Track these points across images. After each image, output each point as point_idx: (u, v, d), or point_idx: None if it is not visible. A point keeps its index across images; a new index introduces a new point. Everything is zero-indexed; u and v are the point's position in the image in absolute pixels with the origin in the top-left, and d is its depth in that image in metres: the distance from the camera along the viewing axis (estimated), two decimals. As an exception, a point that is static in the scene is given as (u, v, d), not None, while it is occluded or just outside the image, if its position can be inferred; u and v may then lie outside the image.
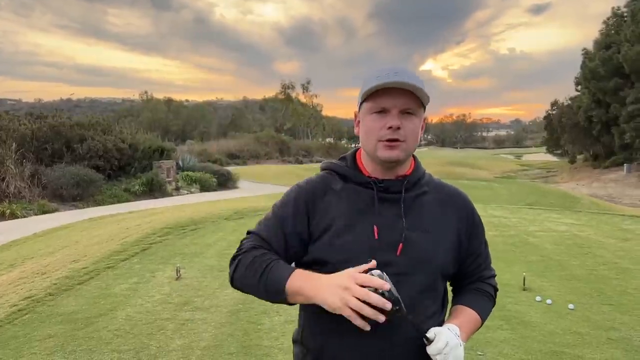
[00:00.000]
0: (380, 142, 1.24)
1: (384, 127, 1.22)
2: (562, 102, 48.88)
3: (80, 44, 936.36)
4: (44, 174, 16.62)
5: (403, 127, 1.22)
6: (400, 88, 1.20)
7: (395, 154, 1.24)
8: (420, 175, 1.35)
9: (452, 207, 1.35)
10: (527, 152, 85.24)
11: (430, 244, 1.27)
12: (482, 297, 1.40)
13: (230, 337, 3.85)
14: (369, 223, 1.25)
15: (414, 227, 1.26)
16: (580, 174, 41.79)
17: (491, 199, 18.00)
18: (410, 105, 1.22)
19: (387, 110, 1.23)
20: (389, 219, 1.26)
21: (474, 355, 3.52)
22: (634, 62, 34.26)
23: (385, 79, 1.19)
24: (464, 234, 1.35)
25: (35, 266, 6.55)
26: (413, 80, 1.19)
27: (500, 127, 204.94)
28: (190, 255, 6.66)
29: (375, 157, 1.27)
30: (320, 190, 1.32)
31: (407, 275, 1.22)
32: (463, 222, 1.35)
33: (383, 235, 1.24)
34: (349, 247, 1.24)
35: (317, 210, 1.29)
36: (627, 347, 3.64)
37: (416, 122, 1.26)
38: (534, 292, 4.95)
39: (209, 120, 77.65)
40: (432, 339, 1.16)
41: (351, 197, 1.30)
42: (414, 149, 1.30)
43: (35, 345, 3.76)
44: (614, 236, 8.00)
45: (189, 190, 21.38)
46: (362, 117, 1.29)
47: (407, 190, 1.30)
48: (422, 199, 1.32)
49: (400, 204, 1.27)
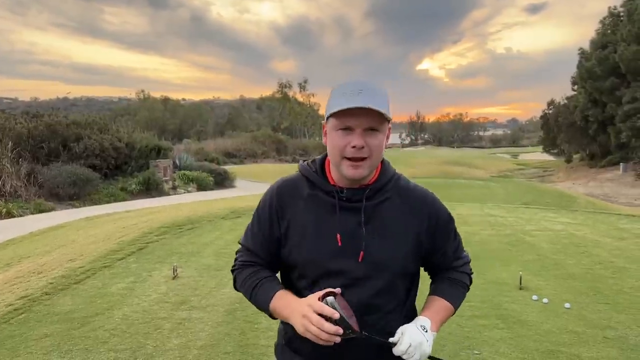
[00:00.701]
0: (345, 160, 1.31)
1: (349, 145, 1.29)
2: (559, 102, 49.00)
3: (76, 43, 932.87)
4: (40, 173, 16.59)
5: (367, 144, 1.29)
6: (366, 109, 1.25)
7: (359, 173, 1.31)
8: (384, 182, 1.40)
9: (414, 211, 1.41)
10: (524, 151, 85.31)
11: (390, 251, 1.35)
12: (454, 285, 1.50)
13: (227, 337, 3.85)
14: (333, 230, 1.34)
15: (374, 234, 1.34)
16: (576, 173, 41.90)
17: (488, 198, 18.04)
18: (374, 124, 1.29)
19: (352, 129, 1.29)
20: (351, 227, 1.34)
21: (470, 354, 3.53)
22: (630, 61, 34.36)
23: (350, 101, 1.25)
24: (425, 234, 1.40)
25: (31, 265, 6.54)
26: (377, 101, 1.26)
27: (497, 126, 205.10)
28: (187, 254, 6.66)
29: (341, 171, 1.34)
30: (290, 196, 1.42)
31: (368, 279, 1.33)
32: (423, 226, 1.40)
33: (345, 242, 1.33)
34: (315, 253, 1.34)
35: (286, 215, 1.39)
36: (622, 346, 3.65)
37: (380, 138, 1.32)
38: (530, 291, 4.97)
39: (206, 119, 77.54)
40: (396, 342, 1.26)
41: (317, 204, 1.38)
42: (379, 162, 1.38)
43: (31, 344, 3.75)
44: (610, 235, 8.03)
45: (185, 189, 21.35)
46: (328, 130, 1.35)
47: (369, 199, 1.36)
48: (383, 206, 1.38)
49: (362, 213, 1.35)
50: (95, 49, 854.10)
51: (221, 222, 9.17)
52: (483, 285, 5.18)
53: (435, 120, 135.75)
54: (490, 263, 6.12)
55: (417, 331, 1.28)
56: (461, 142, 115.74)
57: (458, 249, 1.53)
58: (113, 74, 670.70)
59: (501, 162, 58.46)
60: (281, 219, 1.38)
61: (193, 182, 22.18)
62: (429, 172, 36.65)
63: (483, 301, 4.67)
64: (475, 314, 4.33)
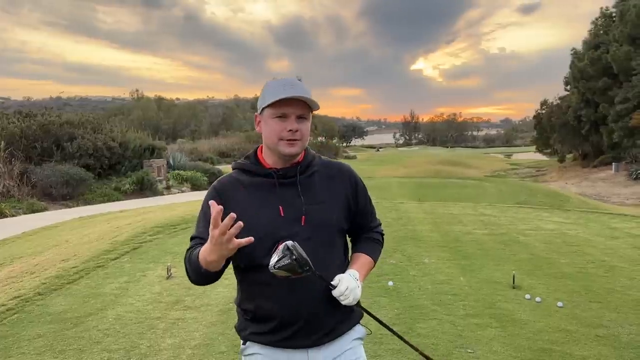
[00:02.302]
0: (281, 141, 1.57)
1: (285, 129, 1.56)
2: (552, 102, 49.17)
3: (69, 42, 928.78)
4: (33, 173, 16.49)
5: (299, 129, 1.57)
6: (297, 99, 1.54)
7: (295, 150, 1.59)
8: (310, 160, 1.68)
9: (338, 179, 1.70)
10: (517, 151, 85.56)
11: (326, 212, 1.63)
12: (373, 243, 1.81)
13: (221, 336, 3.85)
14: (275, 204, 1.59)
15: (310, 201, 1.61)
16: (569, 172, 42.10)
17: (481, 198, 18.08)
18: (304, 112, 1.58)
19: (287, 116, 1.56)
20: (290, 199, 1.60)
21: (464, 352, 3.55)
22: (622, 62, 34.56)
23: (287, 92, 1.52)
24: (351, 196, 1.71)
25: (24, 265, 6.50)
26: (306, 94, 1.55)
27: (490, 126, 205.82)
28: (181, 254, 6.60)
29: (278, 152, 1.60)
30: (231, 188, 1.65)
31: (312, 239, 1.56)
32: (348, 189, 1.71)
33: (287, 212, 1.58)
34: (262, 226, 1.55)
35: (230, 202, 1.56)
36: (614, 344, 3.68)
37: (308, 125, 1.62)
38: (523, 290, 4.99)
39: (200, 118, 77.33)
40: (336, 285, 1.54)
41: (257, 188, 1.63)
42: (307, 143, 1.65)
43: (24, 345, 3.73)
44: (602, 234, 8.08)
45: (179, 189, 21.30)
46: (264, 120, 1.61)
47: (301, 174, 1.64)
48: (313, 178, 1.66)
49: (297, 186, 1.62)
50: (89, 48, 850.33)
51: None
52: (476, 284, 5.21)
53: (429, 120, 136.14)
54: (484, 262, 6.15)
55: (351, 278, 1.58)
56: (455, 142, 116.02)
57: (374, 211, 1.84)
58: (106, 73, 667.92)
59: (495, 162, 58.68)
60: (225, 205, 1.43)
61: (187, 182, 22.12)
62: (423, 171, 36.71)
63: (476, 300, 4.70)
64: (468, 313, 4.35)
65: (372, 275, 5.44)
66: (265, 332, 1.62)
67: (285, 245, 1.42)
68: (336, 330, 1.64)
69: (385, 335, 3.82)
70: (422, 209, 11.12)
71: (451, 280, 5.33)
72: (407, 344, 1.80)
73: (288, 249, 1.42)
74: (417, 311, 4.40)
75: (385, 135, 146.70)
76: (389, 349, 3.56)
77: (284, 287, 1.54)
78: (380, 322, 1.75)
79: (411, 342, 1.85)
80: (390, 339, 3.72)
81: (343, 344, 1.66)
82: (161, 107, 73.77)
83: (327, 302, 1.58)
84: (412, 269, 5.77)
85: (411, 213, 10.32)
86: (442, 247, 6.93)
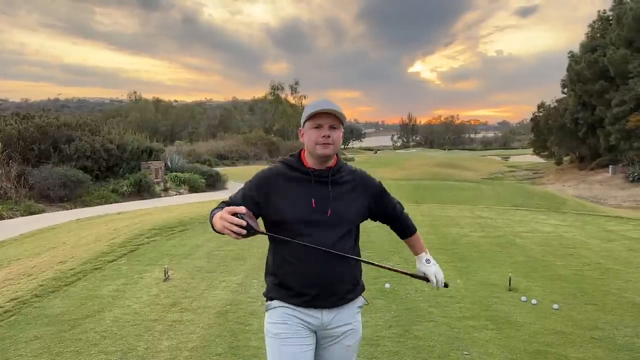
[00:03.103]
0: (317, 145, 2.00)
1: (320, 135, 1.99)
2: (549, 104, 49.33)
3: (67, 44, 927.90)
4: (30, 175, 16.46)
5: (332, 135, 2.00)
6: (329, 112, 1.98)
7: (328, 151, 2.00)
8: (341, 166, 2.11)
9: (360, 185, 2.13)
10: (514, 153, 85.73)
11: (347, 209, 2.05)
12: (408, 221, 2.33)
13: (218, 338, 3.86)
14: (309, 197, 2.01)
15: (336, 198, 2.03)
16: (566, 175, 42.21)
17: (478, 200, 18.12)
18: (335, 123, 2.01)
19: (322, 126, 2.00)
20: (321, 195, 2.02)
21: (460, 354, 3.56)
22: (619, 65, 34.70)
23: (321, 107, 1.98)
24: (373, 200, 2.16)
25: (21, 267, 6.50)
26: (337, 108, 1.98)
27: (487, 128, 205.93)
28: (179, 256, 6.65)
29: (315, 154, 2.02)
30: (274, 177, 2.06)
31: (334, 227, 2.00)
32: (371, 193, 2.16)
33: (318, 204, 2.00)
34: (297, 213, 1.99)
35: (273, 189, 2.03)
36: (609, 346, 3.71)
37: (339, 133, 2.04)
38: (519, 292, 5.01)
39: (198, 120, 77.32)
40: (429, 280, 2.26)
41: (297, 181, 2.04)
42: (339, 149, 2.07)
43: (21, 347, 3.74)
44: (598, 237, 8.12)
45: (177, 191, 21.29)
46: (305, 131, 2.04)
47: (332, 176, 2.06)
48: (341, 180, 2.08)
49: (328, 185, 2.04)
50: (86, 50, 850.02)
51: (213, 224, 9.17)
52: (473, 286, 5.23)
53: (426, 122, 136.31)
54: (480, 264, 6.17)
55: (430, 266, 2.26)
56: (452, 144, 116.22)
57: (395, 203, 2.30)
58: (104, 75, 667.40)
59: (492, 164, 58.80)
60: (270, 190, 2.02)
61: (185, 184, 22.11)
62: (420, 174, 36.77)
63: (473, 302, 4.72)
64: (465, 315, 4.37)
65: (369, 277, 5.45)
66: (291, 295, 2.01)
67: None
68: (346, 298, 2.06)
69: (382, 337, 3.84)
70: (420, 211, 11.15)
71: (448, 283, 5.34)
72: (398, 272, 2.27)
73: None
74: (413, 313, 4.41)
75: (383, 138, 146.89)
76: (385, 351, 3.58)
77: (309, 261, 1.96)
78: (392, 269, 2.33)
79: (408, 344, 1.91)
80: (386, 342, 3.74)
81: (349, 312, 2.08)
82: (159, 109, 73.71)
83: (340, 275, 2.02)
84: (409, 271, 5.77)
85: (409, 215, 10.33)
86: (439, 249, 6.95)
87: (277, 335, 2.00)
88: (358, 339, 2.13)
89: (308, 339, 2.01)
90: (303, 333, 2.01)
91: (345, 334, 2.07)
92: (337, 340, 2.07)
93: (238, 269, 5.92)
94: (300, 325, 2.01)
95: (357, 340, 2.12)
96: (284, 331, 2.00)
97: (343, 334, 2.06)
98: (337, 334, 2.06)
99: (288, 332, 1.99)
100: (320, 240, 1.94)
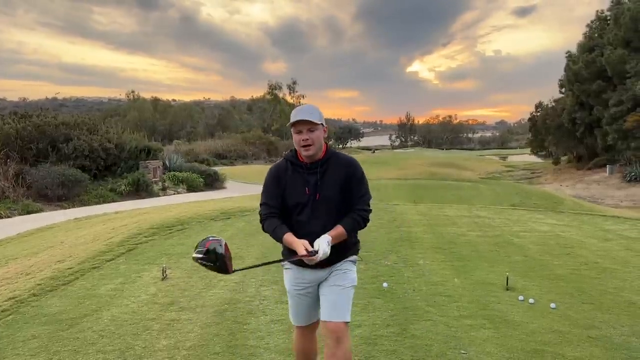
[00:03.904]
0: (301, 147, 2.57)
1: (301, 139, 2.54)
2: (547, 104, 49.34)
3: (65, 43, 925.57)
4: (28, 174, 16.45)
5: (310, 137, 2.53)
6: (305, 120, 2.52)
7: (309, 152, 2.57)
8: (328, 157, 2.64)
9: (342, 169, 2.63)
10: (512, 153, 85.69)
11: (332, 193, 2.59)
12: (350, 219, 2.60)
13: (216, 337, 3.87)
14: (304, 186, 2.61)
15: (323, 185, 2.60)
16: (564, 175, 42.27)
17: (476, 200, 18.16)
18: (312, 126, 2.54)
19: (301, 131, 2.54)
20: (313, 182, 2.60)
21: (457, 354, 3.57)
22: (617, 65, 34.76)
23: (297, 116, 2.51)
24: (347, 182, 2.61)
25: (19, 267, 6.50)
26: (312, 115, 2.53)
27: (485, 128, 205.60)
28: (177, 255, 6.65)
29: (301, 153, 2.60)
30: (282, 171, 2.67)
31: (323, 207, 2.58)
32: (348, 176, 2.62)
33: (310, 191, 2.59)
34: (296, 198, 2.61)
35: (282, 180, 2.65)
36: (606, 345, 3.72)
37: (318, 133, 2.56)
38: (517, 291, 5.02)
39: (196, 120, 77.24)
40: (316, 250, 2.44)
41: (296, 173, 2.64)
42: (321, 144, 2.61)
43: (19, 346, 3.74)
44: (595, 236, 8.13)
45: (175, 190, 21.28)
46: (292, 134, 2.57)
47: (321, 166, 2.61)
48: (328, 170, 2.62)
49: (317, 175, 2.61)
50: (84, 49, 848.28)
51: (211, 223, 9.17)
52: (470, 285, 5.24)
53: (424, 122, 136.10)
54: (478, 264, 6.18)
55: (322, 241, 2.47)
56: (450, 144, 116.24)
57: (364, 196, 2.65)
58: (102, 74, 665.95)
59: (490, 164, 58.83)
60: (281, 182, 2.65)
61: (183, 183, 22.12)
62: (418, 173, 36.76)
63: (470, 301, 4.73)
64: (462, 314, 4.38)
65: (367, 276, 5.47)
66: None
67: (209, 249, 2.35)
68: (335, 260, 2.61)
69: (379, 336, 3.84)
70: (417, 210, 11.17)
71: (445, 282, 5.35)
72: (271, 263, 2.74)
73: (208, 252, 2.35)
74: (411, 312, 4.42)
75: (381, 137, 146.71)
76: (382, 350, 3.58)
77: (304, 232, 2.54)
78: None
79: (405, 343, 1.91)
80: (384, 340, 3.75)
81: (338, 264, 2.67)
82: (157, 108, 73.65)
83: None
84: (407, 271, 5.79)
85: (406, 215, 10.35)
86: (436, 248, 6.97)
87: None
88: (350, 281, 2.68)
89: (310, 288, 2.71)
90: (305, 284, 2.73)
91: (335, 274, 2.67)
92: (331, 281, 2.67)
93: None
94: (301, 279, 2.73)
95: (349, 282, 2.68)
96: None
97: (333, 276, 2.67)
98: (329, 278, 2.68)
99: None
100: (313, 218, 2.58)
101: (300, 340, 2.87)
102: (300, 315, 2.80)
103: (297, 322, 2.83)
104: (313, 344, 2.93)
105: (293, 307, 2.81)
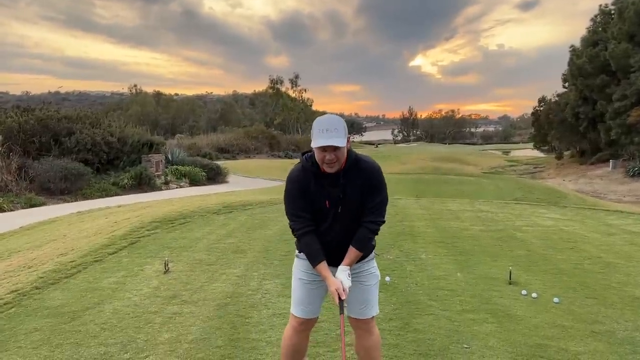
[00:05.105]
0: (324, 164, 2.49)
1: (325, 158, 2.46)
2: (550, 99, 49.15)
3: (67, 37, 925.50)
4: (31, 167, 16.47)
5: (335, 155, 2.45)
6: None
7: (333, 170, 2.51)
8: (350, 166, 2.56)
9: (361, 176, 2.58)
10: (515, 148, 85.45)
11: (352, 204, 2.58)
12: (361, 236, 2.61)
13: (218, 331, 3.86)
14: (325, 198, 2.58)
15: (345, 196, 2.57)
16: (566, 169, 42.15)
17: (479, 195, 18.12)
18: (336, 145, 2.40)
19: (326, 150, 2.43)
20: (334, 195, 2.57)
21: (460, 348, 3.56)
22: (621, 59, 34.56)
23: (324, 140, 2.40)
24: (364, 190, 2.58)
25: (21, 260, 6.51)
26: (339, 135, 2.41)
27: (488, 123, 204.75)
28: (179, 249, 6.65)
29: (324, 169, 2.53)
30: (304, 179, 2.60)
31: (344, 218, 2.59)
32: (366, 184, 2.58)
33: (331, 203, 2.58)
34: (318, 208, 2.60)
35: (307, 192, 2.59)
36: (610, 340, 3.71)
37: (342, 150, 2.46)
38: (520, 286, 5.01)
39: (199, 114, 77.25)
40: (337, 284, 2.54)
41: (318, 185, 2.57)
42: (343, 161, 2.51)
43: (21, 338, 3.74)
44: (598, 231, 8.11)
45: (178, 184, 21.28)
46: (314, 148, 2.48)
47: (343, 177, 2.55)
48: (349, 181, 2.56)
49: (339, 187, 2.56)
50: (87, 43, 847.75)
51: (213, 217, 9.16)
52: (473, 280, 5.22)
53: (427, 116, 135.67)
54: (481, 258, 6.16)
55: (342, 274, 2.58)
56: (453, 139, 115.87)
57: (379, 209, 2.63)
58: (105, 68, 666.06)
59: (492, 159, 58.69)
60: (306, 193, 2.58)
61: (185, 177, 22.11)
62: (421, 168, 36.73)
63: (473, 296, 4.71)
64: (465, 309, 4.37)
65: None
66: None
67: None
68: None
69: (382, 330, 3.83)
70: (420, 205, 11.14)
71: (448, 276, 5.34)
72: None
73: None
74: (413, 306, 4.41)
75: (383, 132, 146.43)
76: (385, 344, 3.57)
77: (323, 240, 2.61)
78: None
79: (408, 337, 1.90)
80: (386, 334, 3.74)
81: (359, 264, 2.71)
82: (160, 102, 73.72)
83: (344, 248, 2.62)
84: (409, 265, 5.78)
85: (409, 209, 10.33)
86: (439, 243, 6.95)
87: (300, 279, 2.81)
88: (374, 278, 2.81)
89: (321, 282, 2.70)
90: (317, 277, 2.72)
91: (359, 275, 2.73)
92: (358, 280, 2.72)
93: (238, 262, 5.92)
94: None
95: (374, 279, 2.81)
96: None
97: (358, 275, 2.72)
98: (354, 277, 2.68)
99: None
100: (333, 229, 2.61)
101: (293, 336, 2.81)
102: (303, 304, 2.75)
103: (298, 312, 2.76)
104: (305, 341, 2.90)
105: (298, 295, 2.77)
